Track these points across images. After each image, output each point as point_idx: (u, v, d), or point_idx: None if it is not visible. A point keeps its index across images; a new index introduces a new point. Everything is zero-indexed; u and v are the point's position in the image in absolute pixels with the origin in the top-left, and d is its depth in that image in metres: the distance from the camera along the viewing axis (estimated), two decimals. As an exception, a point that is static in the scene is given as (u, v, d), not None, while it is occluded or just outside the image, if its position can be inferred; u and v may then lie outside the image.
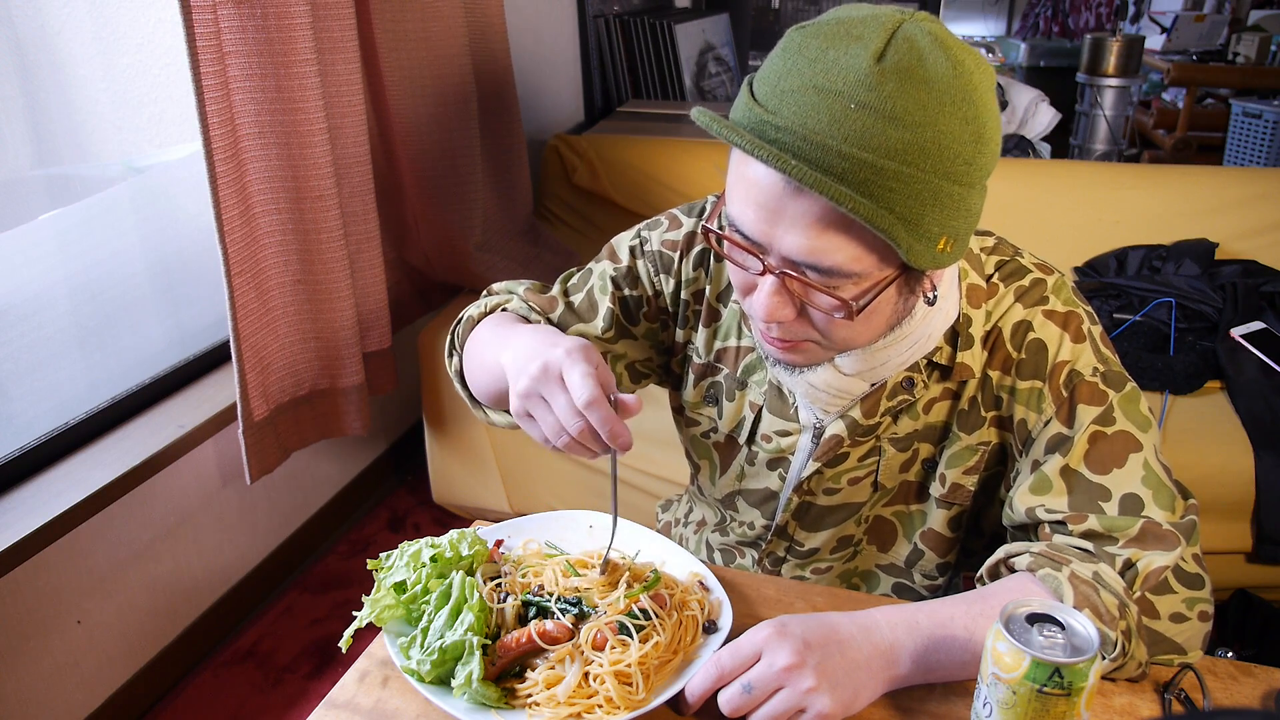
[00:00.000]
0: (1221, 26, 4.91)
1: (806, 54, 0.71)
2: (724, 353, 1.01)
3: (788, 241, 0.73)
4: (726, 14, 4.02)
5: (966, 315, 0.88)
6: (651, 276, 1.01)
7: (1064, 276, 0.91)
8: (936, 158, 0.69)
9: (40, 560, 1.51)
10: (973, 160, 0.71)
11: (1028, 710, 0.66)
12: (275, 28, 1.58)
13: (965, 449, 0.93)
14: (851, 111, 0.67)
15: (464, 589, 0.81)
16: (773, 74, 0.72)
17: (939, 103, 0.68)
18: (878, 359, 0.87)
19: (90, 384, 1.73)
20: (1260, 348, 2.05)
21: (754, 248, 0.76)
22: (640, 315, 1.03)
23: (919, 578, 1.05)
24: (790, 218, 0.72)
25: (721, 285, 1.00)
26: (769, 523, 1.05)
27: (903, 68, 0.68)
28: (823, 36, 0.71)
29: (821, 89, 0.69)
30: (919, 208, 0.70)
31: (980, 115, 0.71)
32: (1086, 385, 0.86)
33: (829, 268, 0.73)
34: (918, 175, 0.68)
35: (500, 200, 2.40)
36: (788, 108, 0.70)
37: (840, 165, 0.68)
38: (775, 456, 1.00)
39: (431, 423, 2.22)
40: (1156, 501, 0.83)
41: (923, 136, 0.68)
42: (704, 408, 1.05)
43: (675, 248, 1.00)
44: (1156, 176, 2.48)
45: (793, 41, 0.73)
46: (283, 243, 1.72)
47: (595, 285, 1.02)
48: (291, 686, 1.86)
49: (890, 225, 0.69)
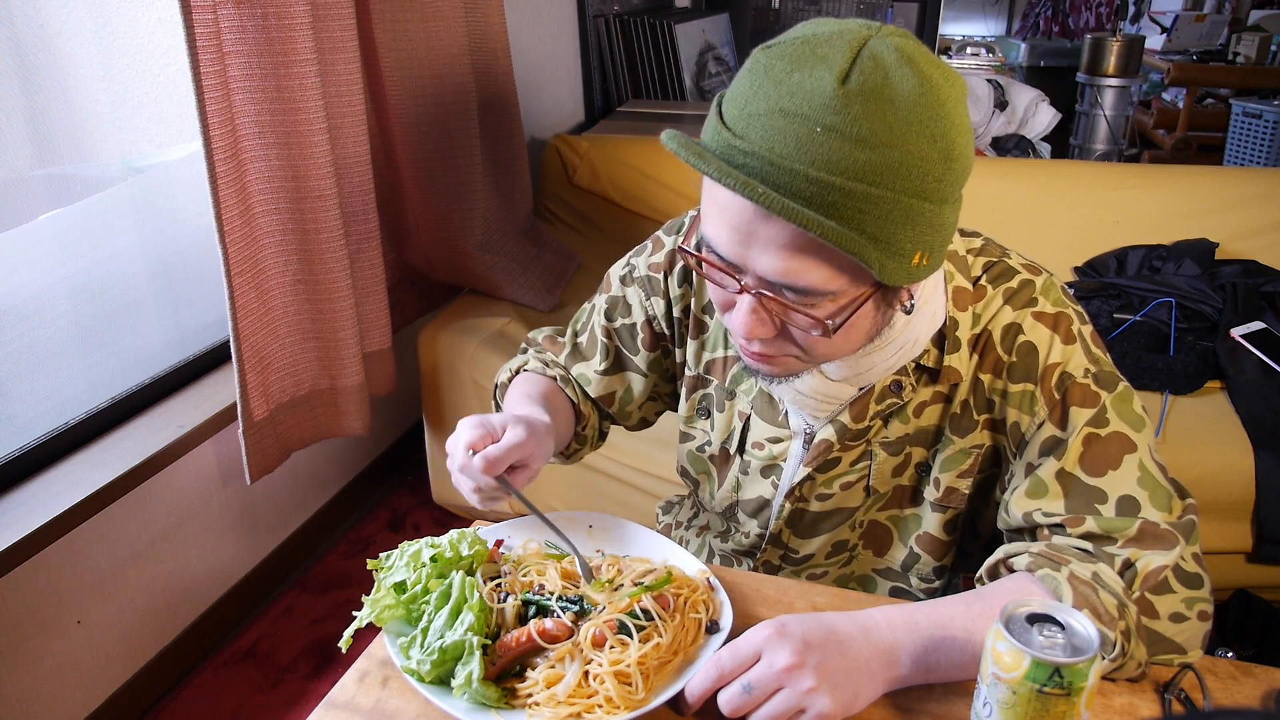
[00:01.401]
0: (1221, 26, 4.91)
1: (772, 76, 0.70)
2: (712, 364, 1.02)
3: (761, 263, 0.73)
4: (726, 14, 4.02)
5: (953, 318, 0.88)
6: (643, 301, 1.04)
7: (1052, 277, 0.91)
8: (905, 177, 0.68)
9: (40, 560, 1.51)
10: (943, 177, 0.70)
11: (1028, 710, 0.66)
12: (275, 28, 1.58)
13: (959, 452, 0.93)
14: (817, 135, 0.67)
15: (464, 589, 0.81)
16: (740, 96, 0.71)
17: (905, 122, 0.67)
18: (862, 365, 0.87)
19: (90, 384, 1.73)
20: (1260, 348, 2.05)
21: (730, 268, 0.76)
22: (639, 344, 1.05)
23: (916, 581, 1.05)
24: (762, 241, 0.72)
25: (705, 298, 1.01)
26: (763, 531, 1.05)
27: (868, 89, 0.67)
28: (788, 58, 0.70)
29: (787, 113, 0.68)
30: (890, 227, 0.69)
31: (948, 132, 0.69)
32: (1078, 387, 0.85)
33: (804, 288, 0.73)
34: (887, 195, 0.68)
35: (500, 200, 2.40)
36: (754, 132, 0.69)
37: (808, 190, 0.67)
38: (768, 464, 1.00)
39: (431, 423, 2.22)
40: (1153, 502, 0.83)
41: (890, 157, 0.67)
42: (697, 421, 1.06)
43: (660, 269, 1.02)
44: (1156, 176, 2.48)
45: (759, 63, 0.72)
46: (283, 243, 1.72)
47: (595, 322, 1.08)
48: (291, 686, 1.86)
49: (860, 247, 0.69)
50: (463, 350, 2.13)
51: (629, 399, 1.10)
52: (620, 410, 1.12)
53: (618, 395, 1.10)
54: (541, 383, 1.08)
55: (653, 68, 3.46)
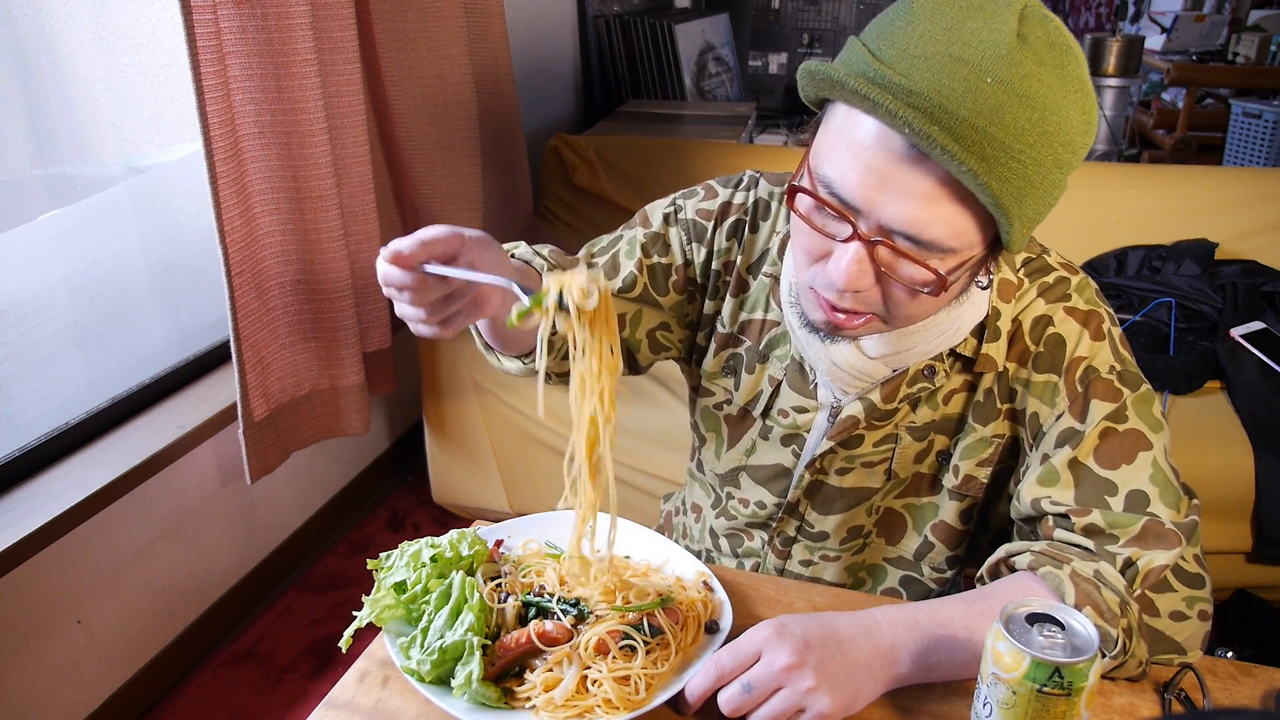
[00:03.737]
0: (1221, 26, 4.91)
1: (940, 21, 0.70)
2: (748, 325, 1.00)
3: (893, 208, 0.72)
4: (726, 14, 4.02)
5: (995, 309, 0.89)
6: (684, 244, 1.00)
7: (1088, 278, 0.92)
8: (1054, 141, 0.70)
9: (40, 560, 1.51)
10: (1079, 149, 0.72)
11: (1028, 710, 0.66)
12: (275, 28, 1.58)
13: (979, 441, 0.93)
14: (988, 86, 0.67)
15: (464, 589, 0.81)
16: (902, 37, 0.71)
17: (1066, 88, 0.69)
18: (904, 344, 0.87)
19: (90, 384, 1.73)
20: (1260, 348, 2.05)
21: (848, 211, 0.75)
22: (669, 285, 1.00)
23: (928, 570, 1.05)
24: (901, 184, 0.71)
25: (753, 257, 0.99)
26: (780, 500, 1.04)
27: (1039, 51, 0.69)
28: (957, 6, 0.70)
29: (958, 59, 0.68)
30: (1027, 189, 0.70)
31: (1092, 108, 0.72)
32: (1102, 382, 0.86)
33: (928, 240, 0.73)
34: (1034, 156, 0.69)
35: (500, 200, 2.40)
36: (920, 72, 0.68)
37: (971, 137, 0.67)
38: (790, 432, 0.99)
39: (431, 423, 2.22)
40: (1163, 500, 0.82)
41: (1048, 120, 0.69)
42: (721, 379, 1.04)
43: (710, 217, 0.99)
44: (1156, 176, 2.48)
45: (923, 7, 0.71)
46: (283, 243, 1.71)
47: (622, 250, 1.00)
48: (291, 686, 1.86)
49: (1008, 201, 0.70)
50: (463, 350, 2.13)
51: (636, 334, 1.01)
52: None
53: (627, 320, 1.00)
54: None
55: (653, 68, 3.46)
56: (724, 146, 2.67)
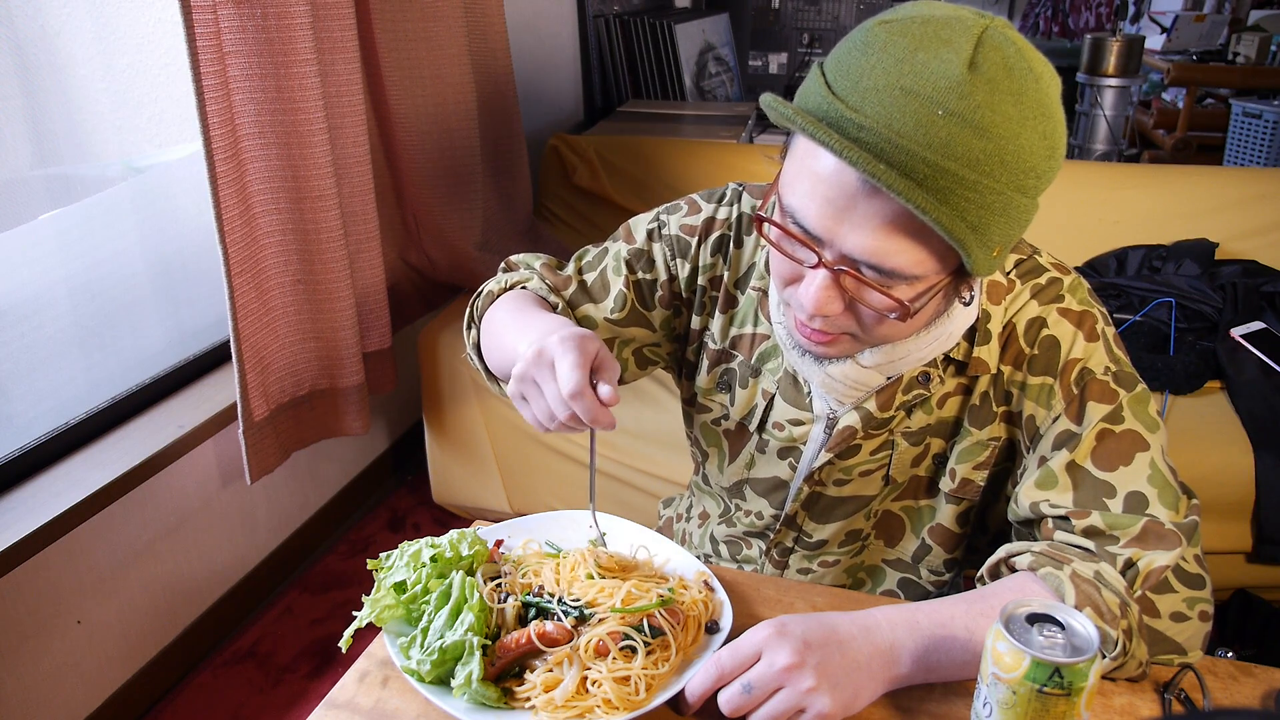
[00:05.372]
0: (1221, 26, 4.91)
1: (893, 52, 0.69)
2: (739, 339, 1.01)
3: (852, 240, 0.73)
4: (726, 14, 4.02)
5: (986, 311, 0.89)
6: (668, 260, 1.00)
7: (1081, 278, 0.91)
8: (1013, 170, 0.69)
9: (40, 560, 1.51)
10: (1043, 174, 0.72)
11: (1028, 710, 0.66)
12: (275, 28, 1.58)
13: (976, 444, 0.94)
14: (939, 118, 0.67)
15: (464, 589, 0.81)
16: (854, 68, 0.70)
17: (1023, 116, 0.68)
18: (898, 353, 0.87)
19: (90, 384, 1.73)
20: (1260, 348, 2.05)
21: (811, 241, 0.75)
22: (655, 300, 1.02)
23: (926, 573, 1.05)
24: (859, 216, 0.72)
25: (739, 272, 0.99)
26: (778, 512, 1.04)
27: (992, 78, 0.68)
28: (910, 36, 0.69)
29: (909, 91, 0.67)
30: (988, 217, 0.70)
31: (1055, 130, 0.71)
32: (1097, 383, 0.86)
33: (891, 269, 0.73)
34: (993, 186, 0.69)
35: (500, 200, 2.40)
36: (871, 106, 0.68)
37: (923, 171, 0.67)
38: (786, 445, 1.00)
39: (431, 423, 2.22)
40: (1161, 500, 0.82)
41: (1004, 149, 0.68)
42: (716, 394, 1.04)
43: (693, 233, 0.99)
44: (1156, 176, 2.48)
45: (876, 37, 0.71)
46: (283, 243, 1.72)
47: (609, 265, 1.02)
48: (291, 686, 1.86)
49: (963, 234, 0.69)
50: (463, 350, 2.13)
51: (623, 352, 1.05)
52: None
53: (616, 343, 1.04)
54: (545, 306, 1.00)
55: (653, 68, 3.46)
56: (724, 146, 2.67)
